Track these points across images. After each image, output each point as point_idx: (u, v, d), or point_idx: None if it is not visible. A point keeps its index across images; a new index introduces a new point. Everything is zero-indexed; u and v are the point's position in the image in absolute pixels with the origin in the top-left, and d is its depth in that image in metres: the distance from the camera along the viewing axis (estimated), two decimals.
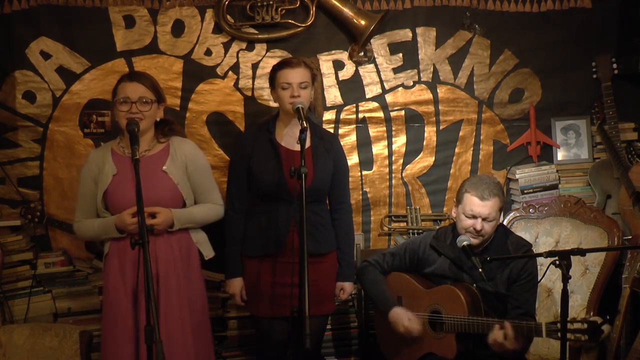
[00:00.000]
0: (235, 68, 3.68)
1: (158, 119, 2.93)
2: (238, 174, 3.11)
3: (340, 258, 3.15)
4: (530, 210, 3.63)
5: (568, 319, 2.47)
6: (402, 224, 3.85)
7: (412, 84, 3.80)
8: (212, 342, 3.09)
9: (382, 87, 3.79)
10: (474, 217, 2.87)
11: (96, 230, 2.92)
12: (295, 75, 2.98)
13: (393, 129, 3.82)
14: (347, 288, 3.17)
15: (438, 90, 3.82)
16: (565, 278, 2.41)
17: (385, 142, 3.83)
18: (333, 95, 3.76)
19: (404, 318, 2.94)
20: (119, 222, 2.82)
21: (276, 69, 3.05)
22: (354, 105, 3.79)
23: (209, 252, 3.05)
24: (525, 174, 3.80)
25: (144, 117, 2.82)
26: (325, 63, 3.72)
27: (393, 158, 3.84)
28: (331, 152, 3.11)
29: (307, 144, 3.05)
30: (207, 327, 3.04)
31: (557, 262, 2.44)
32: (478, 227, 2.86)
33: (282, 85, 2.99)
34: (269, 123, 3.13)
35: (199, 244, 3.01)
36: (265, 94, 3.69)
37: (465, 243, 2.87)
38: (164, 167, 2.89)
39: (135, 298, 2.82)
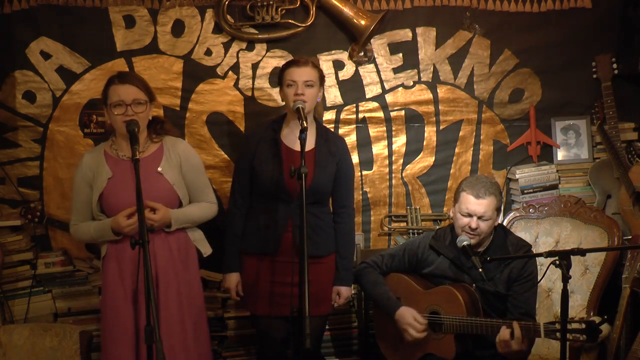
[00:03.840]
0: (235, 68, 3.68)
1: (150, 118, 2.93)
2: (241, 171, 3.14)
3: (338, 262, 3.13)
4: (530, 210, 3.64)
5: (567, 318, 2.46)
6: (402, 224, 3.85)
7: (412, 84, 3.80)
8: (209, 340, 3.09)
9: (382, 87, 3.79)
10: (469, 215, 2.88)
11: (92, 233, 2.91)
12: (301, 74, 2.98)
13: (393, 129, 3.82)
14: (343, 292, 3.14)
15: (438, 90, 3.82)
16: (565, 278, 2.42)
17: (385, 142, 3.83)
18: (333, 95, 3.76)
19: (409, 317, 2.94)
20: (115, 225, 2.81)
21: (284, 67, 3.07)
22: (354, 105, 3.79)
23: (206, 250, 3.05)
24: (525, 174, 3.80)
25: (139, 118, 2.81)
26: (325, 63, 3.72)
27: (393, 158, 3.84)
28: (336, 155, 3.10)
29: (312, 145, 3.05)
30: (205, 325, 3.04)
31: (557, 262, 2.44)
32: (473, 225, 2.87)
33: (287, 82, 3.00)
34: (275, 122, 3.14)
35: (197, 242, 3.02)
36: (265, 94, 3.69)
37: (465, 243, 2.87)
38: (159, 169, 2.89)
39: (135, 299, 2.82)
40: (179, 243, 2.93)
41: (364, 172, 3.83)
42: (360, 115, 3.80)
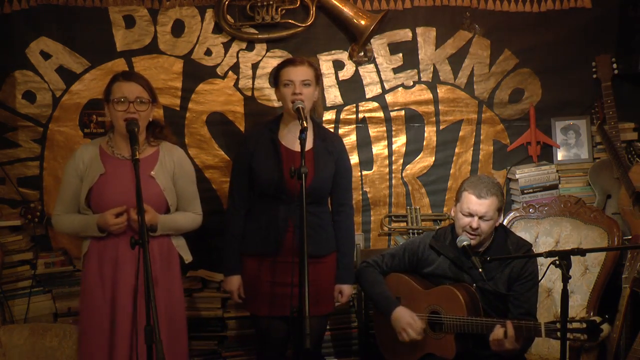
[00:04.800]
0: (235, 68, 3.68)
1: (150, 119, 2.93)
2: (240, 172, 3.13)
3: (339, 260, 3.13)
4: (530, 210, 3.64)
5: (567, 318, 2.47)
6: (402, 224, 3.85)
7: (412, 84, 3.80)
8: (187, 344, 3.04)
9: (382, 87, 3.79)
10: (471, 215, 2.88)
11: (76, 227, 2.90)
12: (298, 73, 2.98)
13: (393, 129, 3.82)
14: (345, 291, 3.14)
15: (438, 90, 3.82)
16: (565, 278, 2.42)
17: (385, 142, 3.83)
18: (333, 95, 3.76)
19: (407, 317, 2.94)
20: (102, 222, 2.80)
21: (279, 67, 3.06)
22: (354, 105, 3.79)
23: (188, 257, 3.04)
24: (525, 174, 3.80)
25: (140, 117, 2.82)
26: (325, 63, 3.72)
27: (393, 158, 3.84)
28: (334, 153, 3.10)
29: (310, 145, 3.05)
30: (183, 330, 3.00)
31: (557, 262, 2.44)
32: (474, 225, 2.86)
33: (284, 82, 3.00)
34: (272, 122, 3.13)
35: (179, 248, 3.00)
36: (265, 94, 3.69)
37: (465, 243, 2.87)
38: (151, 173, 2.88)
39: (113, 301, 2.81)
40: (161, 248, 2.91)
41: (364, 172, 3.82)
42: (360, 115, 3.80)
